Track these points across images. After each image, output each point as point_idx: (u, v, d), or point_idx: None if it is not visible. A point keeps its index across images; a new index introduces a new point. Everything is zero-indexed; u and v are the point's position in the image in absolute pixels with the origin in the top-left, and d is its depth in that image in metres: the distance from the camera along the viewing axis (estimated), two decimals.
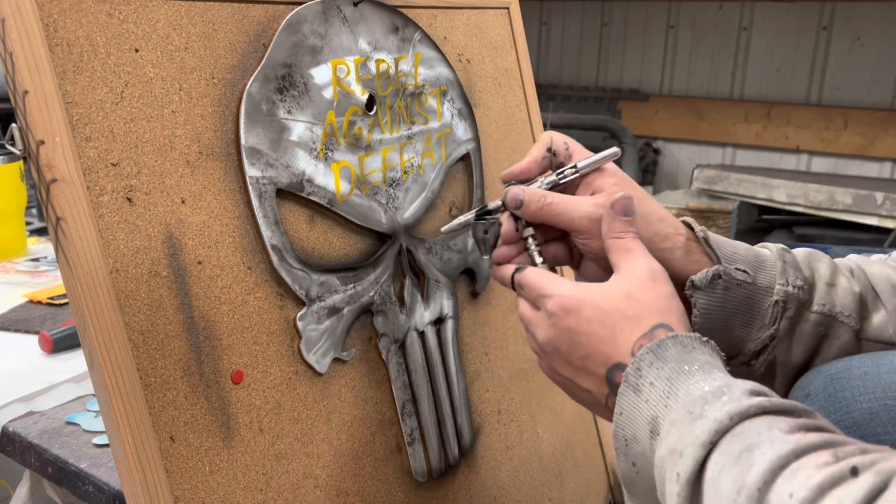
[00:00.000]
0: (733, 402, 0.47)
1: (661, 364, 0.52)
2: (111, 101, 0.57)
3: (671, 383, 0.51)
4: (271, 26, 0.68)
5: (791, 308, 0.66)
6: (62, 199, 0.54)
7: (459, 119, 0.84)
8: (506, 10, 0.95)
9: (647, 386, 0.51)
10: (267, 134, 0.65)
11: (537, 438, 0.93)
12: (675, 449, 0.48)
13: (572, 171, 0.64)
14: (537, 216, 0.63)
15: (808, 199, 2.77)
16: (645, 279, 0.56)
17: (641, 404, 0.52)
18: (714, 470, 0.45)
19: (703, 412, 0.47)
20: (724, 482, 0.44)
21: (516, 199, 0.63)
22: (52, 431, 0.91)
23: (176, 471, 0.58)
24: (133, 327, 0.56)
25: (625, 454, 0.53)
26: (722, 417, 0.46)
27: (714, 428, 0.46)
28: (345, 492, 0.71)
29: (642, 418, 0.51)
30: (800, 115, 3.34)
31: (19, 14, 0.53)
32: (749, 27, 3.42)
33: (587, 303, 0.56)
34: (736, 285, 0.64)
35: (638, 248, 0.58)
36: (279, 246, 0.66)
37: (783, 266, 0.67)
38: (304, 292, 0.67)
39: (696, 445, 0.46)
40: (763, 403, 0.47)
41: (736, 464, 0.44)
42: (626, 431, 0.53)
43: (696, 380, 0.50)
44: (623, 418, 0.53)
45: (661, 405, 0.51)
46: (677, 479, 0.47)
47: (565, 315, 0.57)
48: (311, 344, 0.68)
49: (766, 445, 0.44)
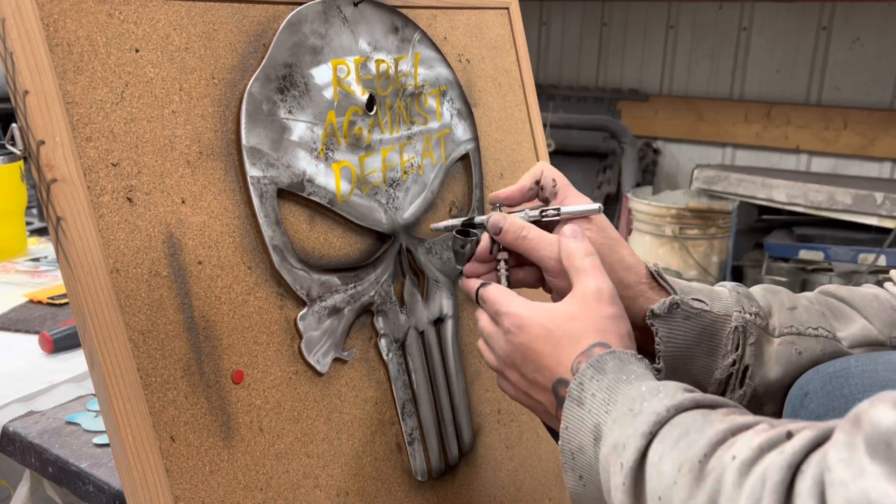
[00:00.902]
0: (669, 397, 0.51)
1: (601, 376, 0.55)
2: (111, 101, 0.57)
3: (611, 392, 0.54)
4: (271, 26, 0.68)
5: (752, 335, 0.69)
6: (62, 199, 0.54)
7: (459, 119, 0.85)
8: (506, 10, 0.95)
9: (588, 397, 0.55)
10: (268, 134, 0.66)
11: (537, 438, 0.93)
12: (619, 443, 0.51)
13: (555, 213, 0.68)
14: (512, 245, 0.67)
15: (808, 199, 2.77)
16: (590, 300, 0.60)
17: (584, 415, 0.55)
18: (655, 455, 0.48)
19: (642, 408, 0.51)
20: (665, 464, 0.47)
21: (496, 225, 0.68)
22: (52, 431, 0.91)
23: (176, 470, 0.58)
24: (133, 327, 0.56)
25: (571, 468, 0.56)
26: (660, 410, 0.50)
27: (653, 420, 0.50)
28: (345, 491, 0.71)
29: (585, 428, 0.55)
30: (799, 115, 3.34)
31: (19, 14, 0.53)
32: (749, 27, 3.42)
33: (535, 322, 0.60)
34: (695, 314, 0.68)
35: (590, 267, 0.62)
36: (280, 246, 0.66)
37: (738, 296, 0.70)
38: (304, 292, 0.68)
39: (637, 436, 0.49)
40: (696, 398, 0.51)
41: (675, 447, 0.47)
42: (571, 444, 0.56)
43: (633, 385, 0.54)
44: (568, 432, 0.56)
45: (603, 412, 0.54)
46: (621, 468, 0.50)
47: (518, 332, 0.61)
48: (311, 344, 0.68)
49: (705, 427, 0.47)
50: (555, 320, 0.60)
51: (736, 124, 3.47)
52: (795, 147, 3.38)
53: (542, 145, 0.98)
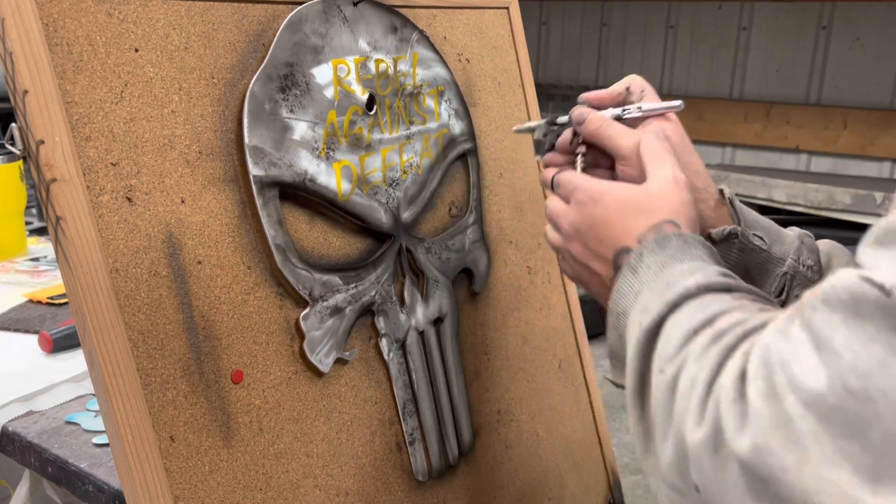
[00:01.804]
0: (704, 276, 0.53)
1: (661, 251, 0.57)
2: (111, 100, 0.57)
3: (663, 267, 0.56)
4: (271, 26, 0.68)
5: (798, 287, 0.69)
6: (62, 199, 0.54)
7: (456, 119, 0.85)
8: (505, 9, 0.95)
9: (643, 268, 0.57)
10: (270, 133, 0.66)
11: (537, 438, 0.93)
12: (645, 307, 0.53)
13: (637, 109, 0.70)
14: (592, 135, 0.68)
15: (808, 199, 2.77)
16: (666, 183, 0.61)
17: (635, 283, 0.57)
18: (671, 324, 0.51)
19: (676, 282, 0.53)
20: (674, 333, 0.50)
21: (581, 116, 0.69)
22: (51, 431, 0.91)
23: (176, 470, 0.58)
24: (133, 327, 0.56)
25: (615, 327, 0.58)
26: (690, 285, 0.52)
27: (681, 292, 0.51)
28: (344, 491, 0.71)
29: (632, 294, 0.56)
30: (799, 115, 3.34)
31: (19, 14, 0.53)
32: (749, 27, 3.42)
33: (610, 194, 0.62)
34: (751, 249, 0.69)
35: (668, 158, 0.63)
36: (283, 245, 0.66)
37: (800, 244, 0.71)
38: (307, 292, 0.67)
39: (662, 303, 0.52)
40: (729, 282, 0.52)
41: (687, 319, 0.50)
42: (618, 306, 0.58)
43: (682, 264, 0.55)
44: (618, 294, 0.58)
45: (649, 282, 0.56)
46: (639, 326, 0.53)
47: (591, 202, 0.62)
48: (314, 344, 0.68)
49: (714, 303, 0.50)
50: (631, 194, 0.61)
51: (736, 124, 3.47)
52: (795, 147, 3.38)
53: None
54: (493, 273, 0.89)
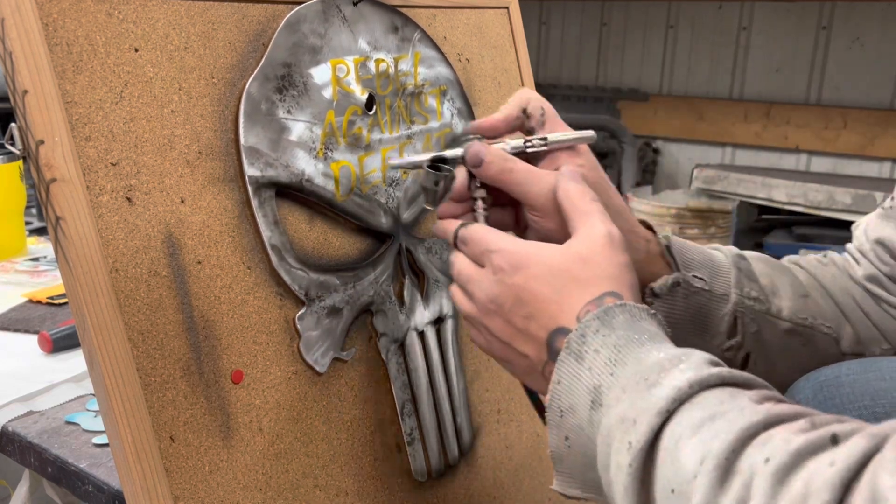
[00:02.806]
0: (693, 369, 0.44)
1: (608, 331, 0.48)
2: (111, 100, 0.57)
3: (619, 351, 0.47)
4: (271, 26, 0.68)
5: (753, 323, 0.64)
6: (62, 199, 0.54)
7: (459, 119, 0.85)
8: (505, 9, 0.95)
9: (590, 353, 0.48)
10: (266, 133, 0.65)
11: (537, 438, 0.93)
12: (627, 417, 0.44)
13: (541, 142, 0.60)
14: (494, 180, 0.59)
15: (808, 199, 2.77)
16: (601, 244, 0.53)
17: (583, 372, 0.48)
18: (670, 439, 0.42)
19: (660, 380, 0.44)
20: (683, 452, 0.41)
21: (477, 156, 0.59)
22: (51, 431, 0.91)
23: (175, 470, 0.58)
24: (132, 327, 0.56)
25: (558, 426, 0.50)
26: (681, 385, 0.43)
27: (672, 395, 0.43)
28: (344, 491, 0.71)
29: (583, 387, 0.48)
30: (799, 115, 3.34)
31: (19, 14, 0.53)
32: (748, 27, 3.42)
33: (537, 260, 0.53)
34: (694, 292, 0.63)
35: (597, 211, 0.55)
36: (278, 245, 0.66)
37: (738, 274, 0.64)
38: (303, 292, 0.67)
39: (652, 413, 0.43)
40: (723, 373, 0.44)
41: (696, 433, 0.41)
42: (562, 402, 0.49)
43: (646, 348, 0.47)
44: (560, 387, 0.49)
45: (607, 373, 0.47)
46: (628, 448, 0.43)
47: (513, 271, 0.53)
48: (310, 344, 0.68)
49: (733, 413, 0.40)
50: (562, 260, 0.52)
51: (735, 124, 3.47)
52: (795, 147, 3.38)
53: None
54: None
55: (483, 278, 0.56)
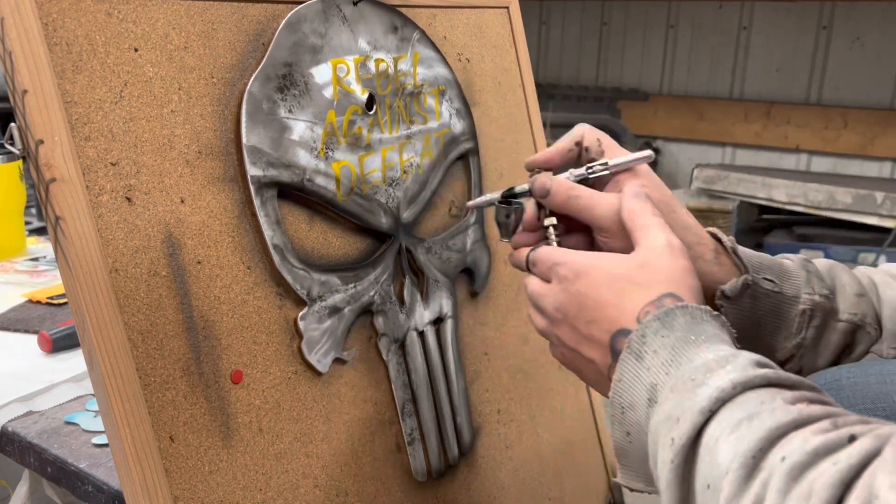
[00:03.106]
0: (738, 371, 0.46)
1: (667, 332, 0.50)
2: (110, 100, 0.57)
3: (675, 352, 0.49)
4: (271, 26, 0.67)
5: (818, 317, 0.65)
6: (61, 199, 0.54)
7: (458, 119, 0.84)
8: (505, 9, 0.95)
9: (649, 353, 0.50)
10: (268, 133, 0.65)
11: (537, 438, 0.93)
12: (672, 415, 0.46)
13: (602, 167, 0.63)
14: (562, 207, 0.62)
15: (808, 199, 2.77)
16: (661, 251, 0.55)
17: (642, 371, 0.50)
18: (711, 437, 0.43)
19: (706, 380, 0.46)
20: (720, 450, 0.42)
21: (543, 187, 0.62)
22: (51, 431, 0.91)
23: (175, 471, 0.58)
24: (132, 327, 0.56)
25: (620, 422, 0.52)
26: (725, 385, 0.45)
27: (715, 395, 0.44)
28: (344, 491, 0.71)
29: (641, 385, 0.50)
30: (799, 115, 3.34)
31: (18, 13, 0.53)
32: (749, 27, 3.42)
33: (598, 267, 0.55)
34: (764, 295, 0.64)
35: (656, 224, 0.57)
36: (281, 245, 0.66)
37: (807, 275, 0.66)
38: (305, 292, 0.67)
39: (695, 412, 0.45)
40: (769, 375, 0.45)
41: (734, 432, 0.42)
42: (623, 399, 0.51)
43: (701, 350, 0.48)
44: (622, 385, 0.51)
45: (662, 373, 0.49)
46: (671, 444, 0.45)
47: (575, 279, 0.56)
48: (312, 344, 0.68)
49: (766, 414, 0.42)
50: (622, 266, 0.54)
51: (736, 124, 3.47)
52: (795, 147, 3.38)
53: (541, 144, 0.98)
54: (494, 273, 0.89)
55: (549, 292, 0.58)
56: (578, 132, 0.66)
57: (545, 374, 0.95)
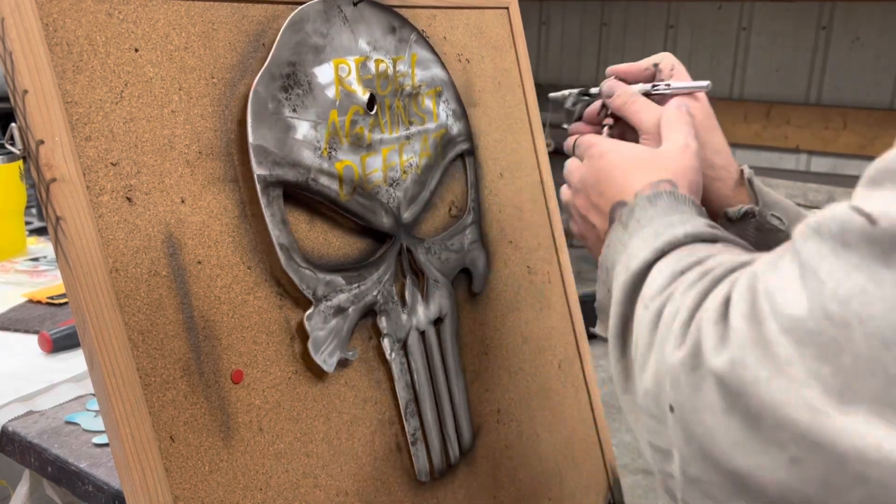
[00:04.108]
0: (693, 226, 0.54)
1: (651, 207, 0.58)
2: (111, 100, 0.57)
3: (652, 222, 0.57)
4: (271, 26, 0.68)
5: None
6: (62, 199, 0.54)
7: (454, 120, 0.85)
8: (505, 9, 0.95)
9: (633, 223, 0.58)
10: (273, 133, 0.66)
11: (537, 438, 0.93)
12: (633, 254, 0.54)
13: (665, 86, 0.71)
14: (619, 109, 0.70)
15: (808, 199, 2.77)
16: (674, 148, 0.62)
17: (624, 237, 0.58)
18: (656, 270, 0.51)
19: (664, 231, 0.54)
20: (659, 274, 0.50)
21: (611, 89, 0.71)
22: (51, 431, 0.91)
23: (175, 470, 0.58)
24: (132, 327, 0.56)
25: (604, 282, 0.59)
26: (678, 234, 0.53)
27: (669, 240, 0.53)
28: (344, 491, 0.71)
29: (622, 247, 0.57)
30: (799, 115, 3.34)
31: (19, 13, 0.53)
32: (748, 27, 3.42)
33: (619, 151, 0.64)
34: (770, 231, 0.69)
35: (683, 127, 0.64)
36: (287, 245, 0.66)
37: None
38: (311, 292, 0.67)
39: (649, 250, 0.53)
40: (717, 233, 0.53)
41: (675, 264, 0.50)
42: (608, 261, 0.59)
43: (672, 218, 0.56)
44: (608, 249, 0.59)
45: (637, 234, 0.57)
46: (626, 271, 0.54)
47: (599, 157, 0.64)
48: (318, 343, 0.68)
49: (702, 249, 0.50)
50: (636, 152, 0.63)
51: (735, 124, 3.47)
52: (795, 147, 3.38)
53: (541, 145, 0.98)
54: (493, 273, 0.89)
55: (578, 168, 0.67)
56: (659, 56, 0.74)
57: (545, 374, 0.95)
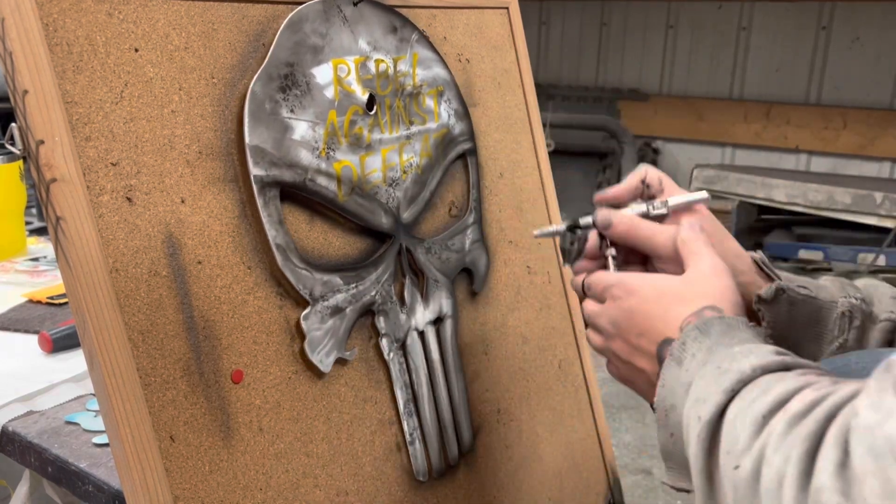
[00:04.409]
0: (758, 357, 0.50)
1: (704, 338, 0.55)
2: (111, 100, 0.57)
3: (710, 353, 0.53)
4: (271, 26, 0.68)
5: (857, 319, 0.69)
6: (62, 199, 0.54)
7: (456, 119, 0.85)
8: (505, 9, 0.95)
9: (688, 357, 0.54)
10: (270, 133, 0.66)
11: (537, 438, 0.93)
12: (700, 397, 0.51)
13: (662, 205, 0.68)
14: (623, 237, 0.67)
15: (808, 199, 2.77)
16: (706, 272, 0.60)
17: (682, 374, 0.54)
18: (732, 413, 0.48)
19: (730, 367, 0.51)
20: (738, 421, 0.47)
21: (606, 220, 0.67)
22: (51, 431, 0.91)
23: (176, 470, 0.58)
24: (133, 327, 0.56)
25: (664, 425, 0.56)
26: (745, 369, 0.49)
27: (737, 378, 0.49)
28: (344, 491, 0.71)
29: (681, 387, 0.54)
30: (799, 115, 3.34)
31: (19, 13, 0.53)
32: (748, 27, 3.42)
33: (648, 285, 0.61)
34: (800, 300, 0.68)
35: (706, 249, 0.62)
36: (283, 245, 0.66)
37: (841, 284, 0.71)
38: (307, 292, 0.67)
39: (719, 392, 0.49)
40: (786, 360, 0.50)
41: (751, 405, 0.47)
42: (666, 402, 0.55)
43: (734, 349, 0.53)
44: (665, 389, 0.55)
45: (698, 371, 0.53)
46: (698, 421, 0.50)
47: (627, 296, 0.61)
48: (315, 344, 0.68)
49: (778, 385, 0.47)
50: (669, 283, 0.60)
51: (735, 124, 3.47)
52: (795, 147, 3.38)
53: (541, 145, 0.98)
54: (493, 273, 0.89)
55: (604, 310, 0.64)
56: (643, 171, 0.71)
57: (545, 374, 0.95)
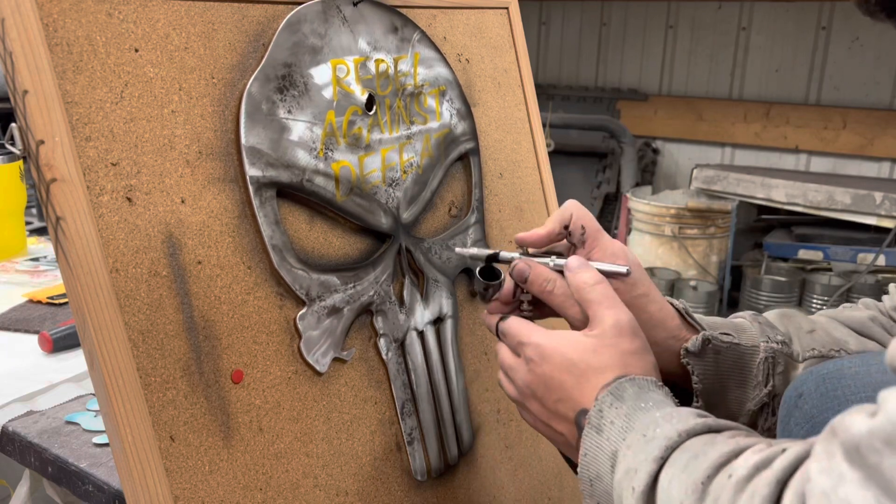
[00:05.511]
0: (682, 422, 0.52)
1: (620, 404, 0.56)
2: (111, 100, 0.57)
3: (629, 419, 0.55)
4: (271, 26, 0.68)
5: (780, 364, 0.71)
6: (62, 199, 0.54)
7: (458, 119, 0.85)
8: (505, 10, 0.95)
9: (607, 425, 0.56)
10: (267, 134, 0.66)
11: (536, 438, 0.93)
12: (631, 468, 0.52)
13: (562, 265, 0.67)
14: (536, 295, 0.68)
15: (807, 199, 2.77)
16: (610, 334, 0.61)
17: (603, 443, 0.56)
18: (665, 480, 0.49)
19: (655, 433, 0.52)
20: (674, 489, 0.48)
21: (521, 274, 0.68)
22: (51, 431, 0.91)
23: (176, 470, 0.58)
24: (133, 327, 0.56)
25: (590, 495, 0.57)
26: (671, 434, 0.51)
27: (664, 444, 0.51)
28: (344, 491, 0.71)
29: (604, 455, 0.55)
30: (799, 115, 3.34)
31: (19, 14, 0.53)
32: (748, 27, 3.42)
33: (558, 352, 0.61)
34: (725, 348, 0.70)
35: (604, 299, 0.62)
36: (280, 245, 0.66)
37: (760, 327, 0.72)
38: (304, 292, 0.68)
39: (649, 461, 0.51)
40: (708, 422, 0.52)
41: (684, 471, 0.48)
42: (590, 471, 0.56)
43: (650, 412, 0.55)
44: (587, 459, 0.57)
45: (620, 439, 0.55)
46: (632, 493, 0.51)
47: (540, 361, 0.62)
48: (311, 344, 0.68)
49: (709, 449, 0.48)
50: (577, 352, 0.60)
51: (735, 124, 3.47)
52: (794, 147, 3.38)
53: (541, 145, 0.98)
54: None
55: (519, 367, 0.65)
56: (567, 214, 0.71)
57: None
